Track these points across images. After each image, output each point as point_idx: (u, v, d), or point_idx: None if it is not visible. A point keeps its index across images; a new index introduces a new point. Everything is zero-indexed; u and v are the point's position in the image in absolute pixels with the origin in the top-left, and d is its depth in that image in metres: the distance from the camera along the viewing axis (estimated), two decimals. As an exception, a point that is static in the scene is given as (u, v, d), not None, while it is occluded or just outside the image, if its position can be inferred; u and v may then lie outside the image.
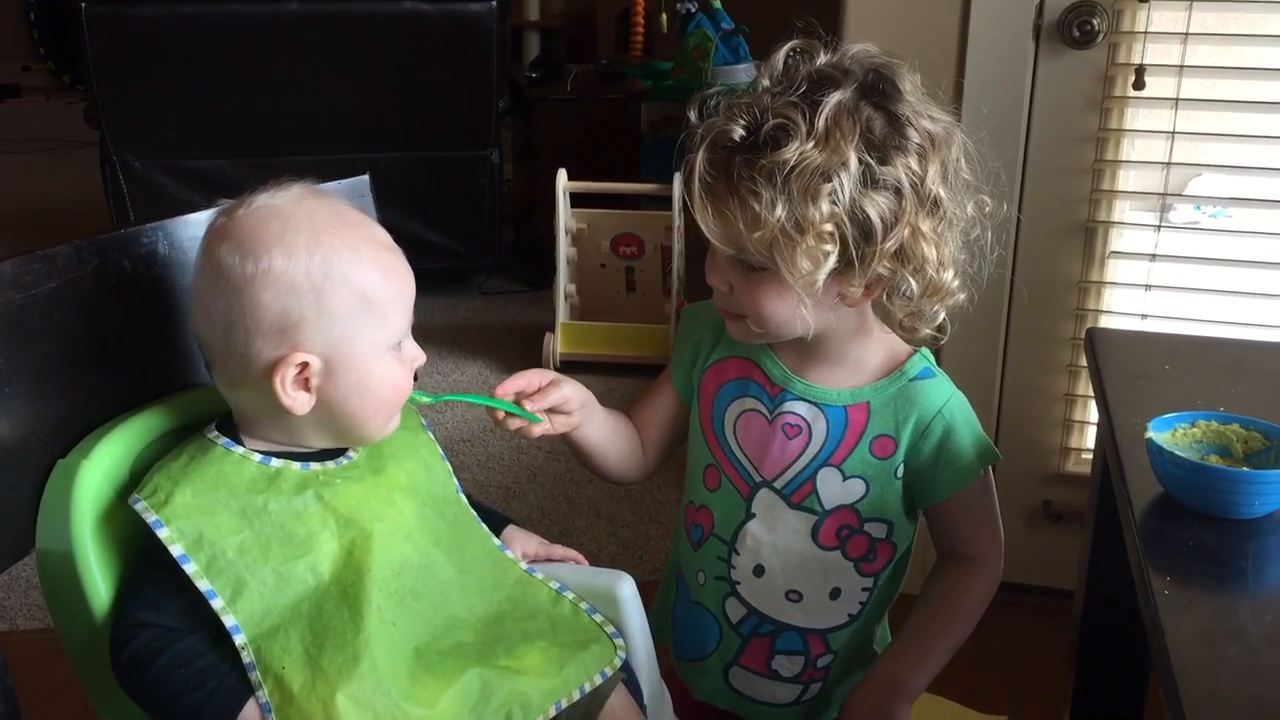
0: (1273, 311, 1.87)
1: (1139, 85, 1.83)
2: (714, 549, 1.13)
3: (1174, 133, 1.85)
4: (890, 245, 0.98)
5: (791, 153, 0.93)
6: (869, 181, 0.96)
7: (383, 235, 1.03)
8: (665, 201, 3.11)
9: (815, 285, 0.98)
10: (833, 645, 1.14)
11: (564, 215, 3.14)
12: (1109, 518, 1.30)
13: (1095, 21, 1.83)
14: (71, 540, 0.97)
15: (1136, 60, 1.83)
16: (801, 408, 1.09)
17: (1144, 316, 1.95)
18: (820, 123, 0.94)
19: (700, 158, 0.98)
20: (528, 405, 1.07)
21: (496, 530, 1.16)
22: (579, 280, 3.23)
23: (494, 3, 3.29)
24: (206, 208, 1.11)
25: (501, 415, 1.07)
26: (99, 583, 0.97)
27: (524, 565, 1.12)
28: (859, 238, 0.97)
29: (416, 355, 1.06)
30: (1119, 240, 1.96)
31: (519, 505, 2.50)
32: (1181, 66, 1.82)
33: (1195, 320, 1.90)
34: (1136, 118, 1.89)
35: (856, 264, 0.98)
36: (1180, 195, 1.91)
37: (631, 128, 3.80)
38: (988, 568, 1.14)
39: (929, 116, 1.01)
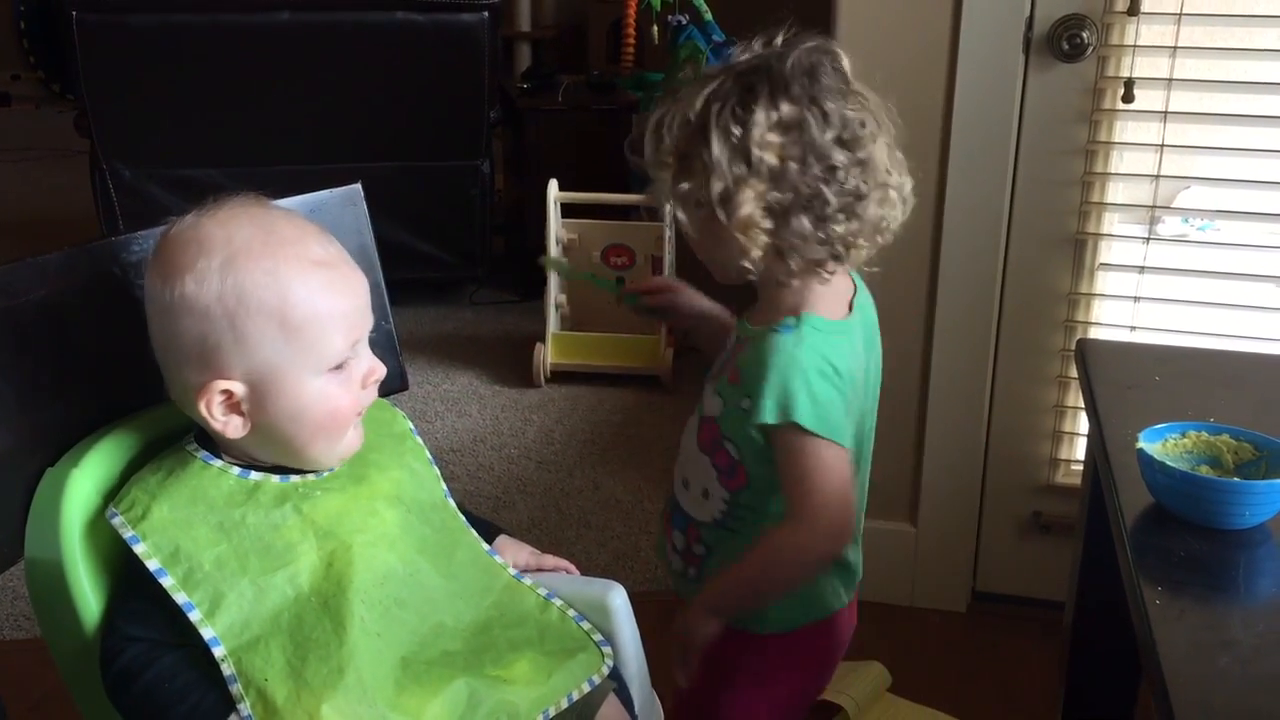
0: (1262, 323, 1.88)
1: (1128, 98, 1.83)
2: None
3: (1163, 146, 1.86)
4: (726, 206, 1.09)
5: (664, 109, 1.12)
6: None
7: (318, 252, 0.98)
8: (656, 212, 3.11)
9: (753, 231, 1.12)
10: (704, 539, 1.23)
11: (555, 226, 3.14)
12: (1100, 528, 1.30)
13: (1084, 35, 1.84)
14: (60, 549, 0.96)
15: (1125, 73, 1.84)
16: (735, 337, 1.22)
17: (1133, 328, 1.95)
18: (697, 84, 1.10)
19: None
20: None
21: (488, 540, 1.16)
22: (570, 291, 3.23)
23: (486, 13, 3.29)
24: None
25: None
26: (88, 592, 0.97)
27: (512, 571, 1.12)
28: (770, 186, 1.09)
29: (372, 369, 1.02)
30: (1108, 252, 1.96)
31: (509, 516, 2.49)
32: (1170, 80, 1.83)
33: (1184, 332, 1.90)
34: (1125, 130, 1.90)
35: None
36: (1169, 208, 1.92)
37: (622, 139, 3.80)
38: (798, 526, 1.13)
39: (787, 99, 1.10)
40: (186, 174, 3.29)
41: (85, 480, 0.98)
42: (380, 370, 1.03)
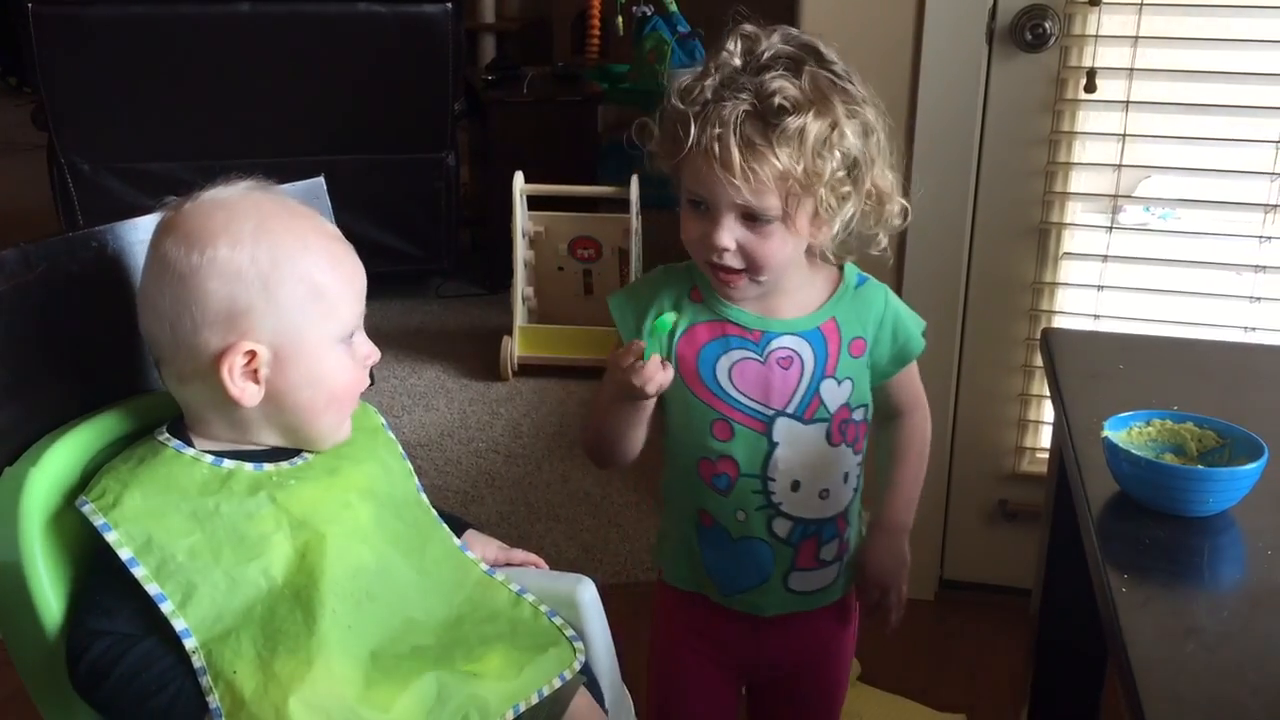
0: (1223, 311, 1.90)
1: (1090, 88, 1.85)
2: (748, 486, 1.23)
3: (1124, 135, 1.88)
4: (870, 182, 1.17)
5: (800, 118, 1.11)
6: (851, 130, 1.15)
7: (331, 228, 1.04)
8: (622, 204, 3.10)
9: (831, 227, 1.16)
10: (849, 518, 1.29)
11: (521, 218, 3.13)
12: (1066, 516, 1.31)
13: (1047, 25, 1.85)
14: (20, 550, 0.95)
15: (1088, 63, 1.85)
16: (787, 340, 1.22)
17: (1096, 317, 1.97)
18: (808, 90, 1.13)
19: (731, 127, 1.12)
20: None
21: (456, 534, 1.15)
22: (536, 283, 3.22)
23: (449, 5, 3.27)
24: (156, 210, 1.10)
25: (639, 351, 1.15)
26: (48, 593, 0.95)
27: (484, 567, 1.11)
28: (851, 180, 1.16)
29: (370, 352, 1.05)
30: (1071, 241, 1.98)
31: (477, 509, 2.48)
32: (1132, 69, 1.85)
33: (1147, 320, 1.92)
34: (1088, 120, 1.91)
35: (852, 203, 1.17)
36: (1131, 197, 1.94)
37: (588, 130, 3.80)
38: (927, 416, 1.33)
39: (854, 75, 1.19)
40: (146, 168, 3.26)
41: (45, 479, 0.97)
42: (376, 354, 1.07)
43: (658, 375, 1.15)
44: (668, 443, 1.28)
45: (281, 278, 0.97)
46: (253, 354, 0.97)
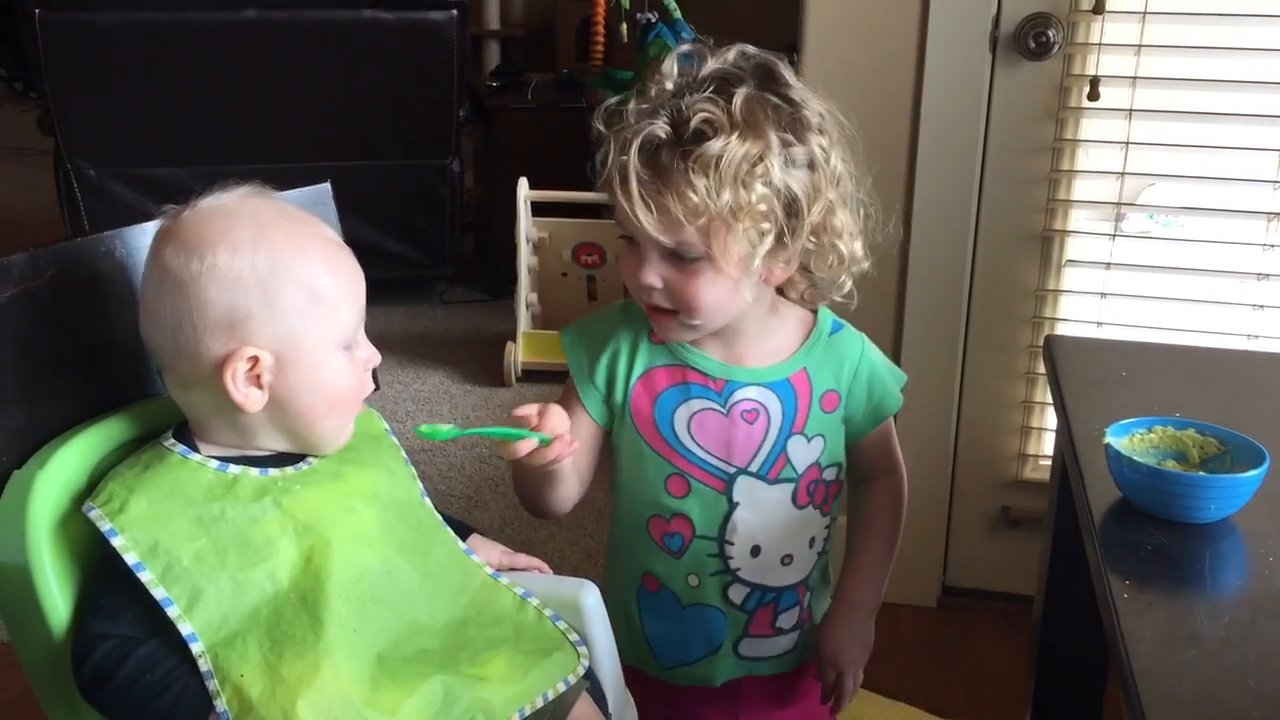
0: (1226, 318, 1.90)
1: (1094, 96, 1.85)
2: (702, 549, 1.16)
3: (1128, 143, 1.88)
4: (814, 218, 1.05)
5: (720, 143, 1.00)
6: (789, 161, 1.04)
7: (330, 233, 1.04)
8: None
9: (753, 266, 1.04)
10: (809, 584, 1.22)
11: (525, 224, 3.13)
12: (1068, 523, 1.31)
13: (1050, 33, 1.85)
14: (27, 553, 0.95)
15: (1091, 71, 1.86)
16: (752, 392, 1.13)
17: (1099, 324, 1.97)
18: (738, 113, 1.01)
19: (632, 158, 1.02)
20: (544, 427, 1.04)
21: (461, 539, 1.15)
22: (540, 289, 3.22)
23: (454, 11, 3.28)
24: (157, 217, 1.10)
25: (530, 447, 1.03)
26: (56, 596, 0.96)
27: (488, 571, 1.12)
28: (786, 215, 1.04)
29: (371, 356, 1.05)
30: (1075, 249, 1.98)
31: (481, 515, 2.49)
32: (1135, 77, 1.85)
33: (1150, 328, 1.92)
34: (1091, 128, 1.92)
35: (788, 240, 1.05)
36: (1134, 204, 1.94)
37: (592, 137, 3.80)
38: (903, 480, 1.25)
39: (815, 101, 1.08)
40: (152, 173, 3.27)
41: (52, 483, 0.97)
42: (377, 358, 1.06)
43: (534, 454, 1.02)
44: (615, 497, 1.20)
45: (281, 283, 0.97)
46: (256, 359, 0.97)
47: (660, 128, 1.02)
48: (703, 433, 1.13)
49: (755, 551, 1.16)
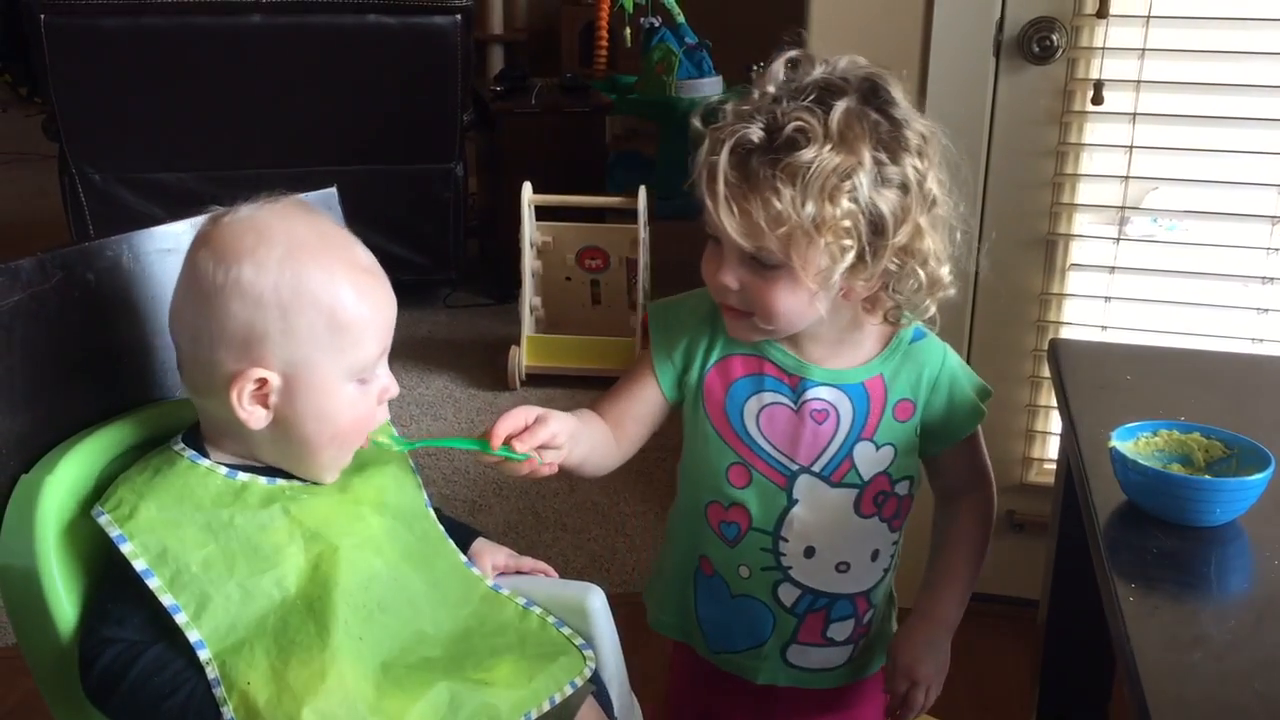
0: (1230, 322, 1.90)
1: (1097, 100, 1.85)
2: (756, 542, 1.15)
3: (1132, 146, 1.88)
4: (899, 240, 1.03)
5: (811, 154, 0.99)
6: (881, 180, 1.02)
7: (366, 259, 1.02)
8: (630, 215, 3.11)
9: (831, 281, 1.03)
10: (873, 600, 1.20)
11: (529, 228, 3.13)
12: (1073, 526, 1.31)
13: (1054, 37, 1.85)
14: (35, 556, 0.96)
15: (1095, 75, 1.86)
16: (824, 392, 1.13)
17: (1104, 328, 1.97)
18: (834, 125, 1.00)
19: (722, 159, 1.01)
20: (517, 445, 1.04)
21: (465, 543, 1.15)
22: (544, 293, 3.22)
23: (458, 16, 3.29)
24: (168, 220, 1.11)
25: (493, 460, 1.04)
26: (63, 599, 0.96)
27: (490, 582, 1.12)
28: (871, 233, 1.03)
29: (388, 386, 1.04)
30: (1079, 253, 1.98)
31: (485, 519, 2.49)
32: (1139, 81, 1.85)
33: (1155, 331, 1.92)
34: (1095, 132, 1.92)
35: (869, 259, 1.03)
36: (1138, 208, 1.94)
37: (596, 141, 3.81)
38: (992, 495, 1.23)
39: (918, 121, 1.06)
40: (157, 178, 3.27)
41: (60, 487, 0.97)
42: (395, 389, 1.05)
43: (506, 465, 1.03)
44: (681, 474, 1.21)
45: (301, 307, 0.96)
46: (264, 380, 0.96)
47: (754, 132, 1.01)
48: (771, 426, 1.13)
49: (809, 552, 1.15)
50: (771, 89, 1.04)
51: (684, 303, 1.20)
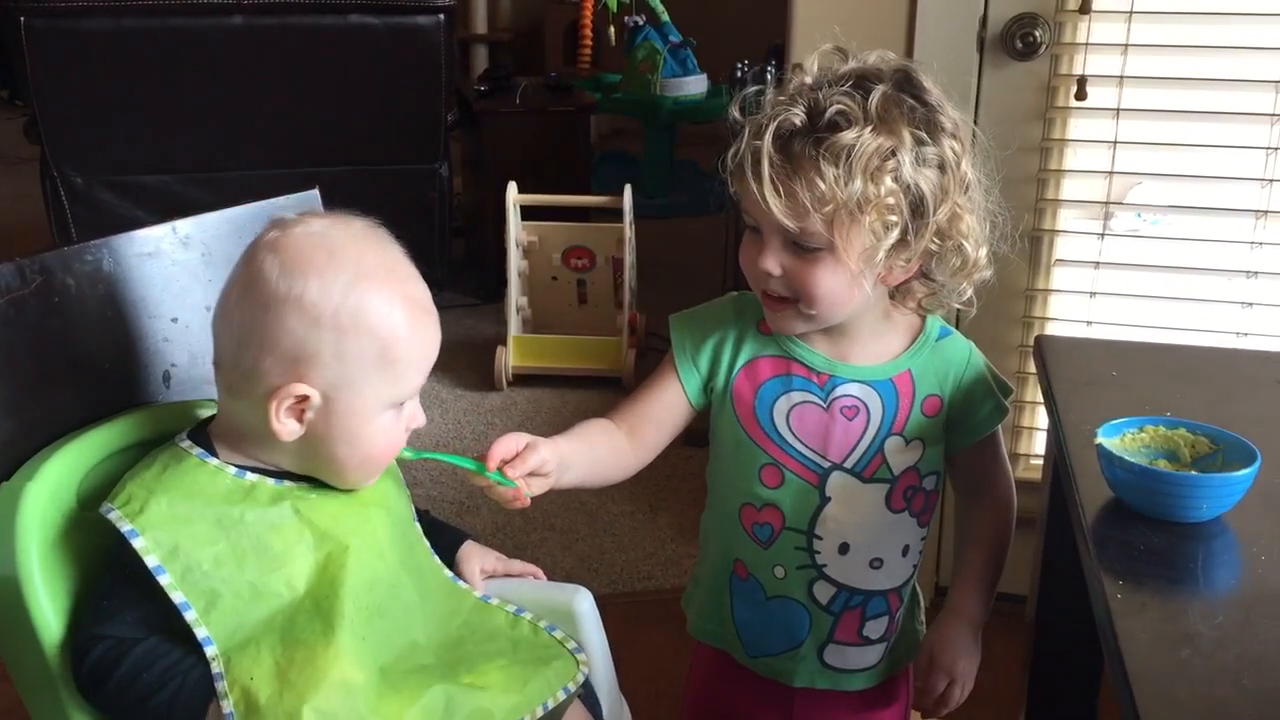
0: (1215, 316, 1.90)
1: (1081, 96, 1.86)
2: (790, 541, 1.16)
3: (1116, 142, 1.89)
4: (940, 218, 1.06)
5: (853, 135, 1.02)
6: (920, 159, 1.05)
7: (423, 295, 1.03)
8: (616, 214, 3.11)
9: (875, 260, 1.05)
10: (903, 597, 1.22)
11: (514, 228, 3.13)
12: (1060, 523, 1.31)
13: (1037, 33, 1.85)
14: (17, 565, 0.95)
15: (1078, 71, 1.86)
16: (854, 389, 1.14)
17: (1089, 323, 1.97)
18: (873, 108, 1.03)
19: (766, 142, 1.03)
20: (508, 472, 1.05)
21: (454, 545, 1.15)
22: (530, 293, 3.22)
23: (441, 16, 3.28)
24: (152, 223, 1.10)
25: (484, 483, 1.05)
26: (46, 608, 0.95)
27: (478, 593, 1.11)
28: (912, 213, 1.05)
29: (416, 414, 1.04)
30: (1064, 248, 1.99)
31: (473, 520, 2.48)
32: (1122, 77, 1.85)
33: (1139, 326, 1.93)
34: (1079, 127, 1.92)
35: (911, 240, 1.06)
36: (1122, 204, 1.95)
37: (581, 140, 3.80)
38: (1013, 497, 1.24)
39: (950, 108, 1.10)
40: (140, 180, 3.25)
41: (42, 494, 0.97)
42: (421, 419, 1.05)
43: (493, 490, 1.04)
44: (711, 479, 1.22)
45: (357, 335, 0.96)
46: (305, 397, 0.96)
47: (796, 115, 1.04)
48: (801, 425, 1.14)
49: (844, 549, 1.16)
50: (808, 79, 1.07)
51: (707, 310, 1.21)
